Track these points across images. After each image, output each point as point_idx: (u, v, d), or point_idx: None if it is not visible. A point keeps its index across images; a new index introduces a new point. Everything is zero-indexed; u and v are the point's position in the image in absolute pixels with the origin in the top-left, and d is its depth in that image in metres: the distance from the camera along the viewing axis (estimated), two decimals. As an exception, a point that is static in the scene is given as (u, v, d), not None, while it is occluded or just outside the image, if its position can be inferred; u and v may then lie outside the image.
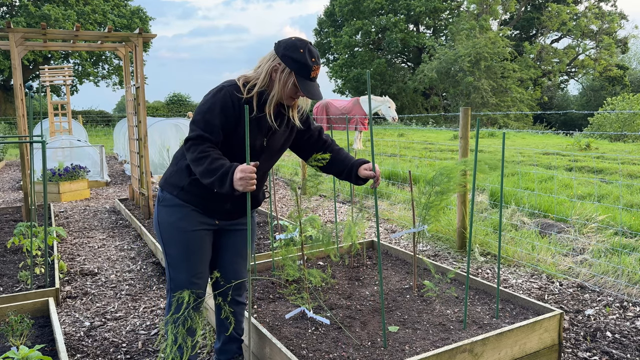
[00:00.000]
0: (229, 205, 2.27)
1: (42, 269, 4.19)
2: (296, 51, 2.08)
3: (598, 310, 3.48)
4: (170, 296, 2.29)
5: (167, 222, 2.23)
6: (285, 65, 2.09)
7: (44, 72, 12.28)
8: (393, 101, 15.06)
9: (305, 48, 2.09)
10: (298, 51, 2.08)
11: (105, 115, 34.88)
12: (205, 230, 2.29)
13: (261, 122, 2.18)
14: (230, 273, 2.43)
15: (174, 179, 2.24)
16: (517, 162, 10.58)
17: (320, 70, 2.18)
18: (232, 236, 2.40)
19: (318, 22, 42.53)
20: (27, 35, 6.20)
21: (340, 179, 2.44)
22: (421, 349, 2.51)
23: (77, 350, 3.05)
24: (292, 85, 2.12)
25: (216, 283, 2.44)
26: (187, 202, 2.22)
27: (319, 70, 2.15)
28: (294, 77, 2.10)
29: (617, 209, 5.45)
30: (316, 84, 2.17)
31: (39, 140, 4.29)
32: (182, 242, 2.24)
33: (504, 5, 36.17)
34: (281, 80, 2.11)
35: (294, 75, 2.10)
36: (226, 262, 2.42)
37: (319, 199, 7.71)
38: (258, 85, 2.13)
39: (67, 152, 9.55)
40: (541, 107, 36.35)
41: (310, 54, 2.09)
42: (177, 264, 2.26)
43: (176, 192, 2.22)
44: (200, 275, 2.31)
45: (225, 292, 2.41)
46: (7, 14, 29.09)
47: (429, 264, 3.46)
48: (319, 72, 2.16)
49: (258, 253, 4.41)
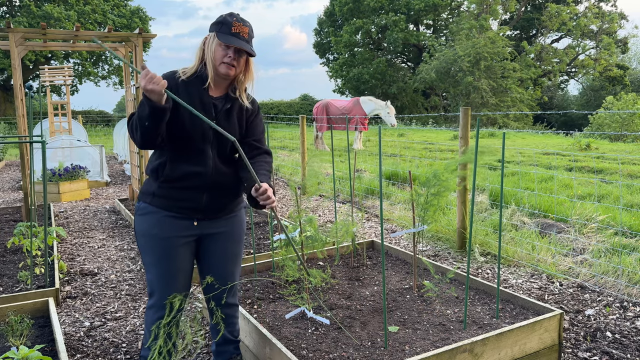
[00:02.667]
0: (205, 197, 2.21)
1: (42, 269, 4.19)
2: (219, 18, 2.17)
3: (598, 311, 3.48)
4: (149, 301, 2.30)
5: (142, 230, 2.23)
6: (210, 32, 2.16)
7: (44, 72, 12.28)
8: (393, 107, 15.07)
9: (227, 14, 2.15)
10: (220, 17, 2.16)
11: (105, 115, 34.88)
12: (182, 238, 2.23)
13: (205, 102, 2.19)
14: (220, 278, 2.40)
15: (145, 188, 2.27)
16: (517, 162, 10.58)
17: (249, 31, 2.14)
18: (217, 240, 2.33)
19: (318, 22, 42.52)
20: (27, 35, 6.20)
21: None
22: (421, 349, 2.51)
23: (77, 350, 3.05)
24: (217, 46, 2.13)
25: (208, 287, 2.40)
26: (160, 208, 2.20)
27: (243, 28, 2.12)
28: (217, 38, 2.13)
29: (617, 209, 5.45)
30: (240, 39, 2.12)
31: (39, 140, 4.29)
32: (154, 249, 2.21)
33: (504, 5, 36.17)
34: (209, 48, 2.15)
35: (217, 36, 2.12)
36: (214, 267, 2.37)
37: (319, 199, 7.71)
38: (195, 65, 2.19)
39: (67, 152, 9.55)
40: (541, 107, 36.34)
41: (230, 16, 2.14)
42: (152, 270, 2.24)
43: (149, 200, 2.22)
44: (173, 283, 2.25)
45: (218, 296, 2.39)
46: (7, 14, 29.10)
47: (429, 264, 3.46)
48: (247, 32, 2.13)
49: (258, 253, 4.41)
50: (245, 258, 4.29)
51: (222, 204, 2.29)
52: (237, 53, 2.14)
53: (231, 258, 2.40)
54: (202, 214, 2.25)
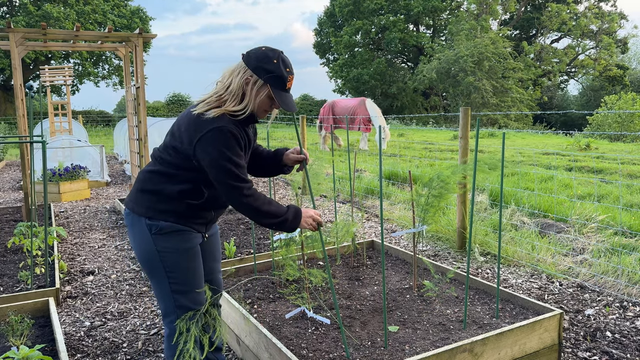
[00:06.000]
0: (213, 213, 2.25)
1: (43, 269, 4.19)
2: (269, 62, 2.00)
3: (598, 310, 3.48)
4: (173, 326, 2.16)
5: (171, 249, 2.12)
6: (258, 77, 2.01)
7: (44, 72, 12.28)
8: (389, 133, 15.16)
9: (278, 58, 2.01)
10: (272, 62, 2.00)
11: (106, 115, 34.88)
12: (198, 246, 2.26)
13: (249, 138, 2.16)
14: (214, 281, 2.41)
15: (164, 206, 2.11)
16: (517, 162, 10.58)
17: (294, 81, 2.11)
18: (208, 242, 2.37)
19: (318, 22, 42.54)
20: (27, 35, 6.20)
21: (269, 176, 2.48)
22: (421, 349, 2.51)
23: (78, 350, 3.05)
24: (266, 98, 2.04)
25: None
26: (185, 225, 2.14)
27: (293, 80, 2.08)
28: (269, 89, 2.03)
29: (617, 209, 5.46)
30: (290, 94, 2.10)
31: (39, 140, 4.30)
32: (185, 261, 2.15)
33: (504, 5, 36.17)
34: (254, 94, 2.03)
35: (269, 87, 2.02)
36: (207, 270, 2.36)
37: (319, 199, 7.72)
38: (236, 105, 2.03)
39: (68, 152, 9.56)
40: (541, 107, 36.34)
41: (284, 64, 2.02)
42: (184, 288, 2.16)
43: (173, 219, 2.11)
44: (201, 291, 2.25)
45: (214, 302, 2.38)
46: (7, 14, 29.10)
47: (429, 263, 3.47)
48: (293, 83, 2.09)
49: (258, 253, 4.41)
50: (246, 258, 4.30)
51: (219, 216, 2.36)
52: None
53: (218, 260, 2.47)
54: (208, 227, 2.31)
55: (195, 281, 2.19)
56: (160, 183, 2.11)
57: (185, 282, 2.15)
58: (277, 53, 2.04)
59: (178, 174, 2.09)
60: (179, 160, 2.07)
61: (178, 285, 2.14)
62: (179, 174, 2.09)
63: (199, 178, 2.09)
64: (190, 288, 2.17)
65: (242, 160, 2.04)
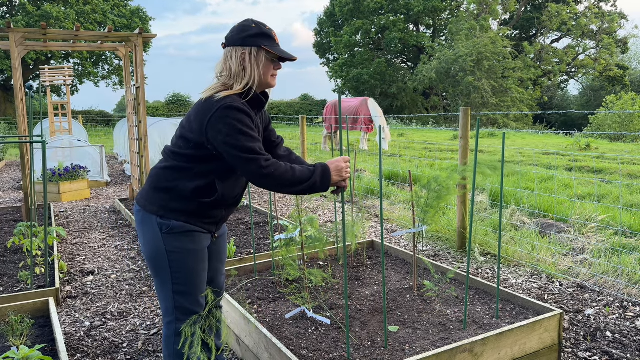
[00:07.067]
0: (224, 212, 2.22)
1: (42, 269, 4.19)
2: (250, 29, 2.04)
3: (598, 310, 3.48)
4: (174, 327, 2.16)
5: (180, 249, 2.10)
6: (251, 46, 2.03)
7: (44, 72, 12.28)
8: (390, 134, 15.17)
9: (253, 22, 2.07)
10: (251, 27, 2.05)
11: (105, 115, 34.89)
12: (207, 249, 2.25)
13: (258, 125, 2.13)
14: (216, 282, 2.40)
15: (176, 205, 2.09)
16: (517, 162, 10.58)
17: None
18: (216, 243, 2.34)
19: (318, 22, 42.55)
20: (27, 35, 6.20)
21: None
22: (421, 349, 2.51)
23: (77, 350, 3.05)
24: (266, 61, 2.05)
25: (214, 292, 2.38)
26: (196, 225, 2.13)
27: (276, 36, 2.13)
28: (264, 51, 2.05)
29: (617, 209, 5.46)
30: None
31: (39, 140, 4.30)
32: (192, 263, 2.14)
33: (504, 5, 36.17)
34: (255, 62, 2.04)
35: (264, 48, 2.03)
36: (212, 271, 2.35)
37: (320, 199, 7.72)
38: (242, 82, 2.03)
39: (67, 152, 9.55)
40: (541, 107, 36.34)
41: (261, 24, 2.07)
42: (185, 289, 2.15)
43: (184, 218, 2.09)
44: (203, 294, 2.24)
45: (218, 304, 2.38)
46: (7, 14, 29.09)
47: (429, 264, 3.47)
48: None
49: (258, 253, 4.41)
50: (246, 258, 4.30)
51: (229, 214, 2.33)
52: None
53: (223, 262, 2.45)
54: (219, 226, 2.29)
55: (198, 284, 2.17)
56: (174, 180, 2.08)
57: (187, 284, 2.14)
58: (249, 20, 2.09)
59: (191, 168, 2.06)
60: (192, 151, 2.04)
61: (180, 285, 2.13)
62: (193, 167, 2.06)
63: (212, 170, 2.06)
64: (192, 290, 2.16)
65: (255, 133, 2.00)
